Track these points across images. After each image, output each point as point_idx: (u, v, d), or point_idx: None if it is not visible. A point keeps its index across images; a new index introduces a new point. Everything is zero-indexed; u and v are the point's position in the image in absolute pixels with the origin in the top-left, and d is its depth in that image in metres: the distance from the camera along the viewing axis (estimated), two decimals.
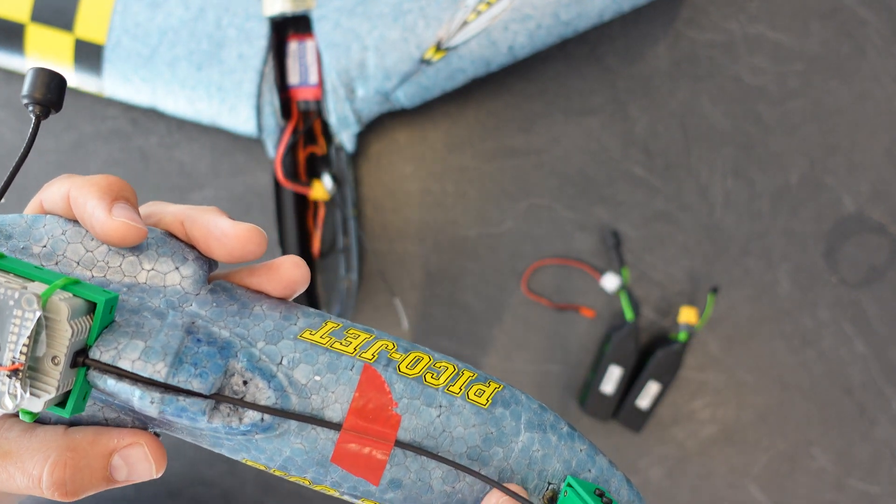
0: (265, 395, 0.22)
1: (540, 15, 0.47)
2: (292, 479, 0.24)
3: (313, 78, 0.51)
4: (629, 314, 0.54)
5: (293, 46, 0.51)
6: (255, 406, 0.22)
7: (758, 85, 0.55)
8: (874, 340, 0.56)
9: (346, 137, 0.51)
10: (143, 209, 0.25)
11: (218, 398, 0.21)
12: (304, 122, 0.52)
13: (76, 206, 0.23)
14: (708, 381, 0.56)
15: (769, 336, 0.56)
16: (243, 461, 0.24)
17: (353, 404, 0.23)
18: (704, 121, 0.55)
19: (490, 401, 0.24)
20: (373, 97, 0.49)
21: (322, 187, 0.52)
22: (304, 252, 0.54)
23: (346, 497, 0.24)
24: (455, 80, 0.49)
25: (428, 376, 0.24)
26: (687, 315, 0.53)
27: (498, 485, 0.23)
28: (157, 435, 0.23)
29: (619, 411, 0.55)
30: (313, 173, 0.54)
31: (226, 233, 0.23)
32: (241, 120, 0.50)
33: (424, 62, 0.48)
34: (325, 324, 0.24)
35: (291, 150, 0.52)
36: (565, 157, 0.56)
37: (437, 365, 0.24)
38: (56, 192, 0.23)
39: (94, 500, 0.57)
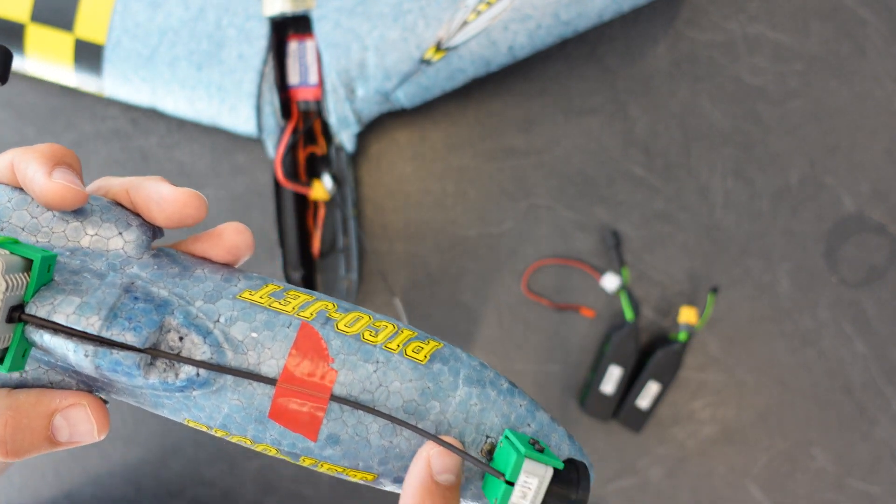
0: (200, 351, 0.22)
1: (540, 15, 0.47)
2: (234, 440, 0.24)
3: (313, 78, 0.51)
4: (629, 314, 0.54)
5: (293, 46, 0.51)
6: (189, 360, 0.22)
7: (758, 85, 0.55)
8: (874, 340, 0.56)
9: (346, 137, 0.51)
10: (93, 183, 0.26)
11: (152, 352, 0.22)
12: (304, 122, 0.52)
13: (19, 171, 0.23)
14: (708, 381, 0.56)
15: (769, 336, 0.56)
16: (185, 422, 0.24)
17: (289, 360, 0.23)
18: (704, 121, 0.55)
19: (428, 357, 0.24)
20: (373, 97, 0.49)
21: (322, 187, 0.52)
22: (304, 252, 0.54)
23: (286, 456, 0.24)
24: (455, 80, 0.49)
25: (366, 334, 0.24)
26: (687, 315, 0.53)
27: (433, 436, 0.23)
28: (104, 401, 0.24)
29: (619, 411, 0.55)
30: (313, 173, 0.54)
31: (164, 197, 0.24)
32: (241, 120, 0.50)
33: (424, 62, 0.48)
34: (266, 285, 0.25)
35: (291, 150, 0.52)
36: (565, 157, 0.56)
37: (377, 324, 0.25)
38: (2, 161, 0.24)
39: (93, 499, 0.57)
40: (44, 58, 0.51)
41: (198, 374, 0.22)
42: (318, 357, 0.23)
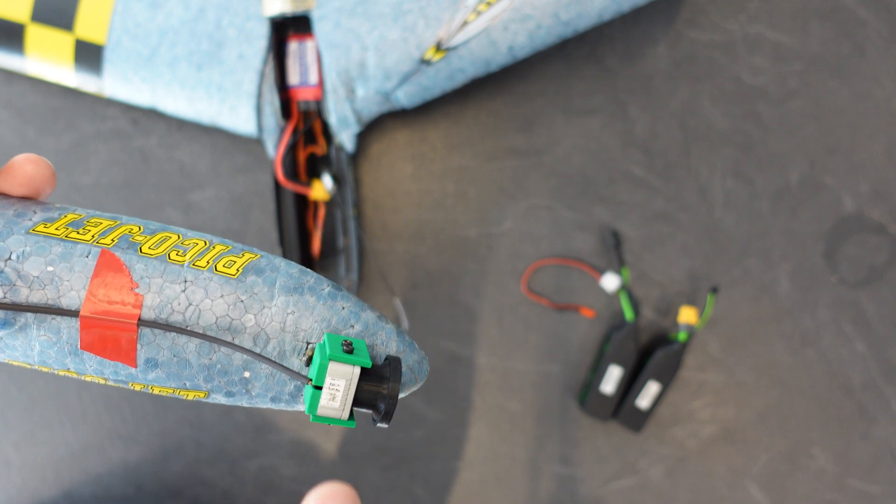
0: None
1: (540, 15, 0.47)
2: (62, 374, 0.24)
3: (313, 78, 0.51)
4: (629, 314, 0.54)
5: (293, 46, 0.51)
6: None
7: (758, 85, 0.55)
8: (874, 340, 0.56)
9: (346, 137, 0.51)
10: None
11: None
12: (304, 122, 0.52)
13: None
14: (708, 381, 0.56)
15: (769, 336, 0.56)
16: (7, 362, 0.24)
17: (90, 290, 0.23)
18: (704, 121, 0.55)
19: (241, 270, 0.24)
20: (373, 97, 0.49)
21: (322, 187, 0.52)
22: (305, 252, 0.54)
23: (117, 384, 0.24)
24: (455, 80, 0.49)
25: (172, 254, 0.24)
26: (687, 315, 0.53)
27: (247, 350, 0.23)
28: None
29: (619, 411, 0.55)
30: (313, 173, 0.54)
31: None
32: (241, 120, 0.50)
33: (424, 62, 0.48)
34: (65, 216, 0.24)
35: (291, 150, 0.52)
36: (565, 157, 0.56)
37: (186, 242, 0.24)
38: None
39: (93, 499, 0.57)
40: (44, 58, 0.51)
41: None
42: (121, 283, 0.23)
